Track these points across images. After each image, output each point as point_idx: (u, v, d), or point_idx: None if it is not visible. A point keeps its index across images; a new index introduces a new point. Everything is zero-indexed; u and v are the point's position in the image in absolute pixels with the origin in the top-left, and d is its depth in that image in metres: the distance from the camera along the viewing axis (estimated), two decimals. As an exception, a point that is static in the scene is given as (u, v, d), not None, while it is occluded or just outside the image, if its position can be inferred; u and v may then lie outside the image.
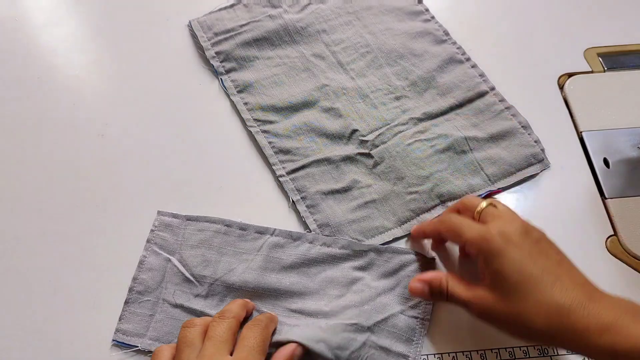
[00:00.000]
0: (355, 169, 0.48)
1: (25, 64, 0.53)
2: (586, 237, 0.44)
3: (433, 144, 0.48)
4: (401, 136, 0.49)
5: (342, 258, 0.43)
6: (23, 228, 0.45)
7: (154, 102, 0.51)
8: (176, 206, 0.46)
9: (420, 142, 0.49)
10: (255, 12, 0.55)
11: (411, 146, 0.48)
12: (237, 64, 0.53)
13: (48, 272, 0.43)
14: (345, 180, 0.47)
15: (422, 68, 0.53)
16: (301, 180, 0.47)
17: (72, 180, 0.47)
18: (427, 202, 0.46)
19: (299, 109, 0.51)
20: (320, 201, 0.46)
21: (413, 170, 0.47)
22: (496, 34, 0.57)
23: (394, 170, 0.47)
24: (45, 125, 0.50)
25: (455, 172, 0.47)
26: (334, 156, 0.48)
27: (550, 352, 0.40)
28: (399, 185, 0.47)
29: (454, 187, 0.46)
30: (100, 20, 0.57)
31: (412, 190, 0.46)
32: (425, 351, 0.40)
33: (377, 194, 0.46)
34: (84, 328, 0.41)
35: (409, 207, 0.46)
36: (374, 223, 0.45)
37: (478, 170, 0.47)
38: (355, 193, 0.46)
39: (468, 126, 0.50)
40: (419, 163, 0.47)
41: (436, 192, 0.46)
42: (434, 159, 0.48)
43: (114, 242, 0.44)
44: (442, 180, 0.47)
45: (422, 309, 0.41)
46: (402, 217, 0.45)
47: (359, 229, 0.45)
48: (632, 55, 0.55)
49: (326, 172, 0.47)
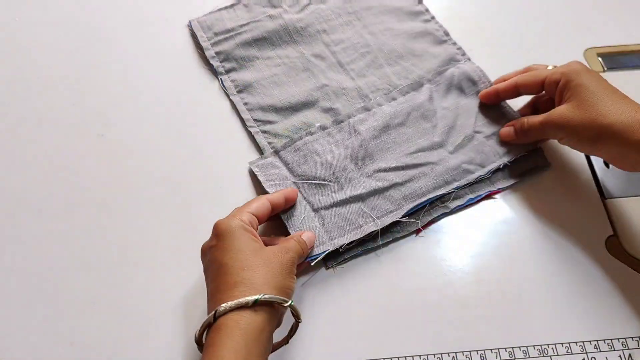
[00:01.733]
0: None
1: (25, 64, 0.53)
2: (586, 237, 0.45)
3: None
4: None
5: (406, 101, 0.49)
6: (23, 228, 0.45)
7: (153, 102, 0.51)
8: (176, 205, 0.46)
9: None
10: (255, 12, 0.55)
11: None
12: (237, 64, 0.53)
13: (48, 272, 0.43)
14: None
15: (423, 68, 0.53)
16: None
17: (72, 180, 0.47)
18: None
19: (298, 109, 0.51)
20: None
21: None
22: (496, 34, 0.57)
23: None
24: (45, 125, 0.50)
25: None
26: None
27: (550, 352, 0.40)
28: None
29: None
30: (100, 20, 0.57)
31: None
32: (426, 351, 0.40)
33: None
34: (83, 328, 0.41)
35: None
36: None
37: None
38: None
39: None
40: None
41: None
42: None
43: (113, 242, 0.44)
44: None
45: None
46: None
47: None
48: (632, 55, 0.55)
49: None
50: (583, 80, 0.42)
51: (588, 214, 0.46)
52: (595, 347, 0.40)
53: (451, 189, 0.46)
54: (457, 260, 0.44)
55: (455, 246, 0.44)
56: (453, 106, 0.50)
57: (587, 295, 0.42)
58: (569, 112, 0.42)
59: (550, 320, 0.41)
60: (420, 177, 0.46)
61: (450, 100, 0.50)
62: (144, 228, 0.45)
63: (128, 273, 0.43)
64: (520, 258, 0.44)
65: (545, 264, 0.43)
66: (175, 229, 0.45)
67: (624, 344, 0.40)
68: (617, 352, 0.39)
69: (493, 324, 0.41)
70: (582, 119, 0.41)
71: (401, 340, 0.40)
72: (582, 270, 0.43)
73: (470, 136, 0.48)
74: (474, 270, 0.43)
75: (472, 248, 0.44)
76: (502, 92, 0.48)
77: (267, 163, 0.47)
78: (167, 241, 0.44)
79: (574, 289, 0.42)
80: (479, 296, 0.42)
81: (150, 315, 0.41)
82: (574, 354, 0.39)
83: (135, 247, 0.44)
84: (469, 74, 0.51)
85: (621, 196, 0.46)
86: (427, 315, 0.41)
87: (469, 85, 0.51)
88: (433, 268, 0.43)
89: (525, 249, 0.44)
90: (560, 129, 0.43)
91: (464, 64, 0.52)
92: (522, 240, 0.45)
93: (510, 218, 0.46)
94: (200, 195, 0.46)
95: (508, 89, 0.47)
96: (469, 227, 0.45)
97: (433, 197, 0.45)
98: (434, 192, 0.45)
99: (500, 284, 0.42)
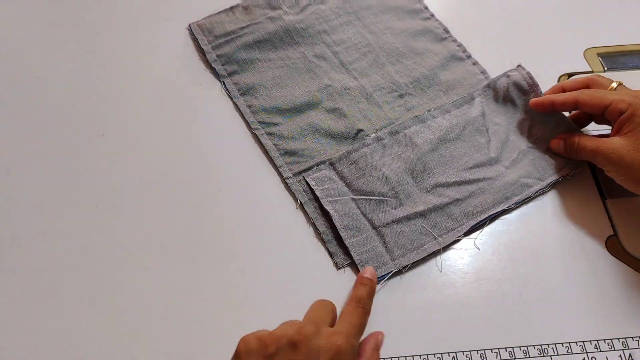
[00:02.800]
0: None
1: (25, 64, 0.53)
2: (586, 237, 0.45)
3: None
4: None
5: (461, 115, 0.49)
6: (23, 228, 0.45)
7: (154, 103, 0.51)
8: (181, 208, 0.46)
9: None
10: (255, 14, 0.55)
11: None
12: (239, 67, 0.53)
13: (48, 272, 0.43)
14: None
15: (425, 66, 0.53)
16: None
17: (72, 180, 0.47)
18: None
19: (303, 110, 0.50)
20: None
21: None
22: (496, 34, 0.57)
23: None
24: (45, 125, 0.50)
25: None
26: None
27: (550, 352, 0.40)
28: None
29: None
30: (100, 21, 0.57)
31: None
32: (425, 351, 0.40)
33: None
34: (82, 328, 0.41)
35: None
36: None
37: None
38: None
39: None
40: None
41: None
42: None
43: (114, 241, 0.44)
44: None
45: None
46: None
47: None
48: (632, 55, 0.55)
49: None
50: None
51: (588, 214, 0.46)
52: (596, 347, 0.40)
53: (511, 204, 0.45)
54: (457, 260, 0.44)
55: (455, 246, 0.44)
56: (504, 122, 0.49)
57: (587, 295, 0.42)
58: (622, 148, 0.40)
59: (550, 320, 0.41)
60: (480, 193, 0.45)
61: (502, 116, 0.49)
62: (145, 228, 0.45)
63: (128, 273, 0.43)
64: (520, 258, 0.44)
65: (545, 264, 0.43)
66: (176, 230, 0.45)
67: (624, 344, 0.40)
68: (617, 352, 0.40)
69: (493, 324, 0.41)
70: (633, 160, 0.40)
71: (401, 340, 0.40)
72: (582, 270, 0.43)
73: (525, 151, 0.47)
74: (474, 270, 0.43)
75: (472, 248, 0.44)
76: (559, 104, 0.45)
77: (322, 176, 0.46)
78: (168, 242, 0.44)
79: (574, 289, 0.42)
80: (479, 296, 0.42)
81: (150, 315, 0.41)
82: (574, 354, 0.39)
83: (136, 247, 0.44)
84: (519, 83, 0.49)
85: (621, 196, 0.46)
86: (427, 315, 0.41)
87: (519, 95, 0.49)
88: (433, 268, 0.43)
89: (525, 249, 0.44)
90: (610, 164, 0.41)
91: (514, 71, 0.50)
92: (522, 240, 0.45)
93: (510, 218, 0.46)
94: (202, 197, 0.46)
95: (566, 103, 0.45)
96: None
97: (494, 213, 0.45)
98: (495, 209, 0.45)
99: (500, 284, 0.43)
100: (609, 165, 0.42)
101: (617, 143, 0.41)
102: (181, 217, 0.45)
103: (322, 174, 0.46)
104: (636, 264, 0.43)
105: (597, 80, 0.46)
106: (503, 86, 0.50)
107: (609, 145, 0.41)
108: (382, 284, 0.42)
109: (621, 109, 0.41)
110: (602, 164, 0.43)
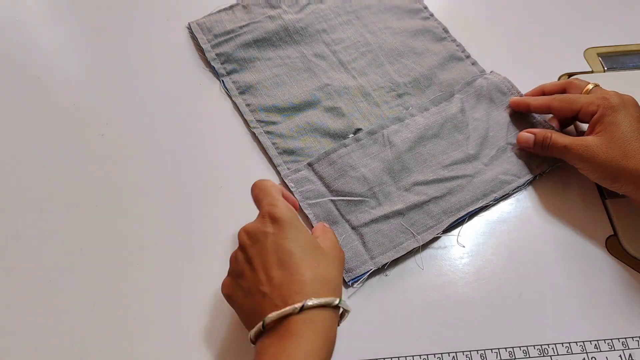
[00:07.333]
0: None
1: (25, 64, 0.53)
2: (586, 237, 0.45)
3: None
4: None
5: (439, 112, 0.49)
6: (23, 228, 0.45)
7: (154, 102, 0.51)
8: (179, 207, 0.46)
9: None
10: (255, 13, 0.55)
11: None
12: (238, 66, 0.53)
13: (48, 272, 0.43)
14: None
15: (423, 65, 0.53)
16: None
17: (72, 180, 0.47)
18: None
19: (301, 109, 0.50)
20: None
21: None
22: (496, 34, 0.57)
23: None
24: (45, 125, 0.50)
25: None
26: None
27: (550, 352, 0.40)
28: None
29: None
30: (100, 20, 0.57)
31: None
32: (425, 351, 0.40)
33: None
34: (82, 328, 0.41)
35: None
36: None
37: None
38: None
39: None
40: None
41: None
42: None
43: (114, 241, 0.44)
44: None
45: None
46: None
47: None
48: (632, 55, 0.55)
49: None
50: (617, 118, 0.41)
51: (588, 214, 0.46)
52: (596, 347, 0.40)
53: (490, 201, 0.45)
54: (457, 260, 0.44)
55: (455, 246, 0.44)
56: (484, 117, 0.49)
57: (587, 295, 0.42)
58: (595, 146, 0.41)
59: (550, 320, 0.41)
60: (459, 190, 0.45)
61: (481, 111, 0.50)
62: (145, 228, 0.45)
63: (128, 273, 0.43)
64: (520, 258, 0.44)
65: (545, 264, 0.43)
66: (176, 229, 0.45)
67: (625, 344, 0.40)
68: (617, 352, 0.39)
69: (493, 324, 0.41)
70: (606, 158, 0.41)
71: (401, 340, 0.40)
72: (582, 270, 0.43)
73: (503, 148, 0.48)
74: (474, 270, 0.43)
75: (472, 248, 0.44)
76: (533, 107, 0.48)
77: (301, 177, 0.46)
78: (168, 241, 0.44)
79: (574, 289, 0.42)
80: (479, 296, 0.42)
81: (150, 315, 0.41)
82: (574, 354, 0.39)
83: (136, 247, 0.44)
84: (498, 85, 0.51)
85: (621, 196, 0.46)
86: (427, 315, 0.41)
87: (498, 96, 0.50)
88: (433, 268, 0.43)
89: (525, 249, 0.44)
90: (582, 161, 0.42)
91: (491, 75, 0.51)
92: (522, 240, 0.45)
93: (510, 218, 0.46)
94: (202, 196, 0.46)
95: (540, 107, 0.47)
96: (468, 227, 0.45)
97: (472, 210, 0.45)
98: (473, 205, 0.45)
99: (500, 284, 0.42)
100: (580, 162, 0.43)
101: (590, 141, 0.42)
102: (180, 215, 0.45)
103: (300, 175, 0.46)
104: (636, 264, 0.43)
105: (574, 83, 0.47)
106: (483, 85, 0.50)
107: (582, 143, 0.42)
108: (360, 283, 0.42)
109: (592, 111, 0.43)
110: (573, 161, 0.43)
